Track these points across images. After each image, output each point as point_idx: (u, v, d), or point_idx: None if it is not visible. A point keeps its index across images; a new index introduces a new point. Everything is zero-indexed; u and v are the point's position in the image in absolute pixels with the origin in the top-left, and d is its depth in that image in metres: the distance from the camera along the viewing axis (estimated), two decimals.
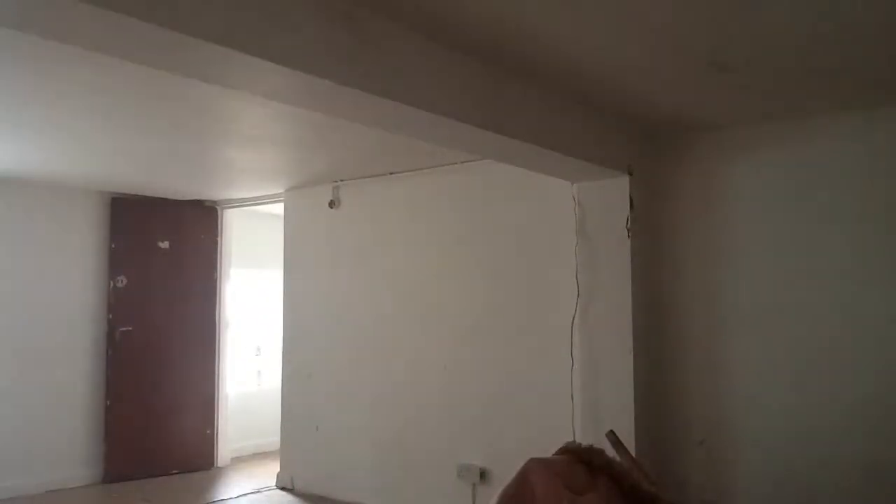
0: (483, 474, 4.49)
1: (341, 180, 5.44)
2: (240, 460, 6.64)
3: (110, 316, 5.91)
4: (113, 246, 5.98)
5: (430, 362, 4.85)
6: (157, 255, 6.13)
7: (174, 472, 6.05)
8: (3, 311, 5.48)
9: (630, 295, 3.82)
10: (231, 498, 5.49)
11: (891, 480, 3.37)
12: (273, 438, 6.01)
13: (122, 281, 5.96)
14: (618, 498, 2.44)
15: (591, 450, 2.59)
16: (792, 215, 3.70)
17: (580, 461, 2.52)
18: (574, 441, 3.06)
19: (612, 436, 3.13)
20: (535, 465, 2.44)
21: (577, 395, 3.99)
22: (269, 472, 5.98)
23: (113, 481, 5.77)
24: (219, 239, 6.49)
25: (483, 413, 4.57)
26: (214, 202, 6.49)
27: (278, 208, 6.06)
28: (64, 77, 3.18)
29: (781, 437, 3.65)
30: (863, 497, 3.42)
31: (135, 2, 1.80)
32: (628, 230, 3.85)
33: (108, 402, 5.86)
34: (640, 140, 4.03)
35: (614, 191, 3.90)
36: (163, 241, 6.16)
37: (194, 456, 6.22)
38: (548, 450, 2.67)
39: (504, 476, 2.50)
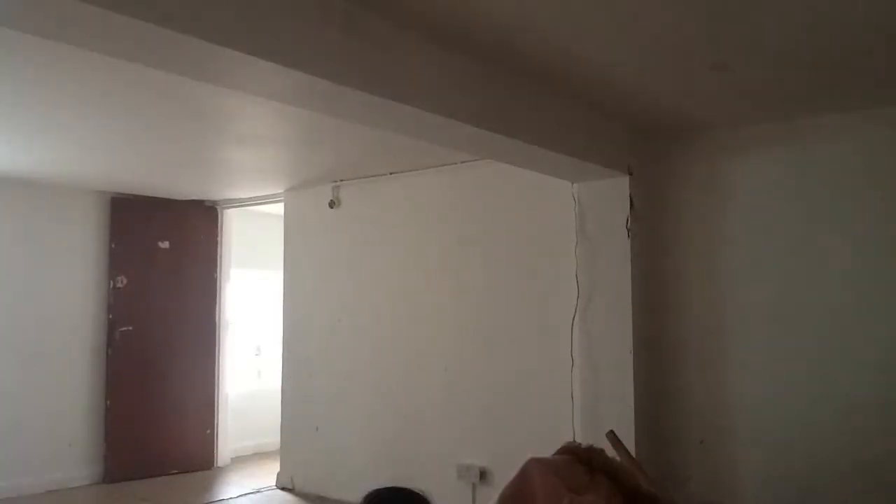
0: (483, 474, 4.49)
1: (341, 180, 5.44)
2: (240, 460, 6.63)
3: (110, 316, 5.91)
4: (113, 246, 5.98)
5: (430, 362, 4.84)
6: (157, 255, 6.13)
7: (174, 472, 6.04)
8: (3, 311, 5.47)
9: (630, 295, 3.82)
10: (231, 498, 5.49)
11: (891, 480, 3.37)
12: (273, 438, 6.00)
13: (122, 281, 5.96)
14: (618, 498, 2.44)
15: (591, 450, 2.60)
16: (792, 215, 3.70)
17: (580, 461, 2.53)
18: (574, 441, 3.06)
19: (612, 436, 3.13)
20: (535, 464, 2.44)
21: (577, 395, 3.99)
22: (269, 472, 5.97)
23: (113, 481, 5.77)
24: (219, 239, 6.48)
25: (483, 413, 4.56)
26: (214, 202, 6.49)
27: (278, 208, 6.05)
28: (64, 77, 3.18)
29: (781, 436, 3.65)
30: (862, 497, 3.42)
31: (135, 2, 1.80)
32: (628, 230, 3.85)
33: (108, 402, 5.85)
34: (640, 140, 4.03)
35: (614, 191, 3.90)
36: (163, 241, 6.16)
37: (194, 456, 6.21)
38: (548, 450, 2.67)
39: (504, 476, 2.50)
